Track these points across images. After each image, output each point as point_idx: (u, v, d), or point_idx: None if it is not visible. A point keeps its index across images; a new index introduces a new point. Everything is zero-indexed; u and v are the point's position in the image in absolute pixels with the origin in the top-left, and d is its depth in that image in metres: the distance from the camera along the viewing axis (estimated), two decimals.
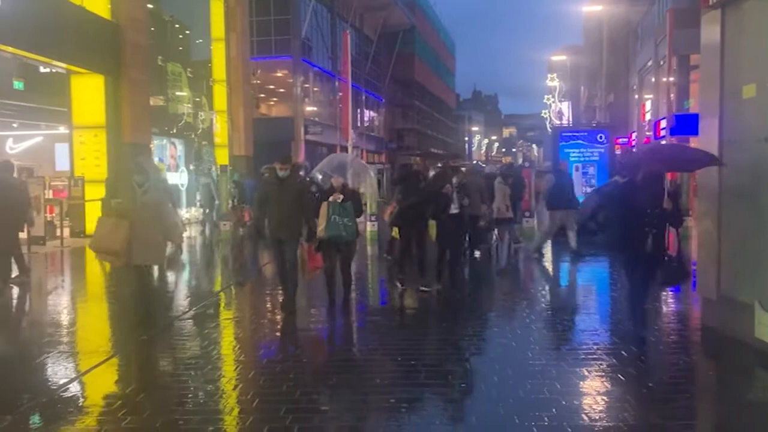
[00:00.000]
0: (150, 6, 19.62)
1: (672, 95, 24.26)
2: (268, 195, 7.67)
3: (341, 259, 7.88)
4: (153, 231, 6.92)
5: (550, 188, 12.25)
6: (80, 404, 5.03)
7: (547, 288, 9.88)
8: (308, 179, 10.49)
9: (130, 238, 6.72)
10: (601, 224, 6.43)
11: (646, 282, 6.39)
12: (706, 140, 6.74)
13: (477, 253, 11.78)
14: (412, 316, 7.93)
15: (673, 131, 22.87)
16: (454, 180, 8.56)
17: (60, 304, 9.06)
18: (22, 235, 13.75)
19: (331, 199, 7.57)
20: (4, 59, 15.82)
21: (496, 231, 13.15)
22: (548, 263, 12.05)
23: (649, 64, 32.05)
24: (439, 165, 11.75)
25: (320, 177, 8.44)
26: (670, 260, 6.33)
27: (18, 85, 18.80)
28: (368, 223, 15.43)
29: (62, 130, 18.77)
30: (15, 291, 9.43)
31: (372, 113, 52.31)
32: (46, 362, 5.93)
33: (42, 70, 18.22)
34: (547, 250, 12.82)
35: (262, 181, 9.20)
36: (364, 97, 47.64)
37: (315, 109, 39.09)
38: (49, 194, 16.10)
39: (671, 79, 24.07)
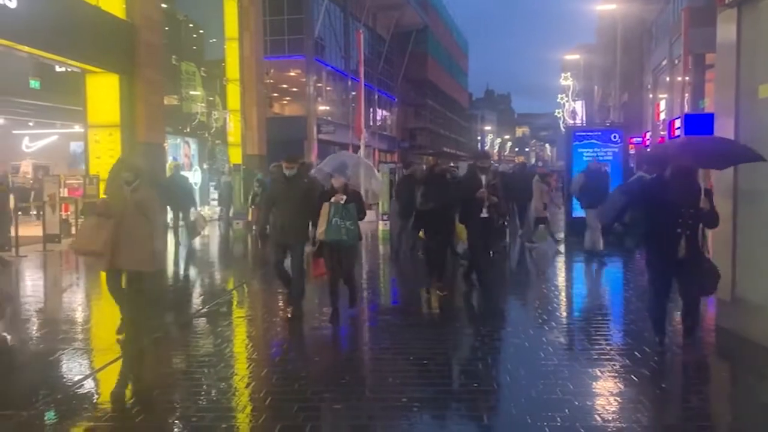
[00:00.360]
0: (164, 6, 19.74)
1: (687, 94, 24.07)
2: (275, 195, 7.39)
3: (343, 265, 7.35)
4: (142, 233, 6.32)
5: (580, 187, 11.90)
6: (95, 400, 5.07)
7: (560, 288, 9.84)
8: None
9: (114, 239, 6.18)
10: (628, 225, 5.96)
11: (680, 289, 5.76)
12: None
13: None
14: (424, 316, 7.91)
15: (687, 131, 22.67)
16: (483, 180, 8.10)
17: (74, 301, 9.13)
18: (39, 234, 13.93)
19: (333, 199, 7.08)
20: (21, 59, 15.97)
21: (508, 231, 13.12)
22: (562, 263, 12.00)
23: (664, 63, 31.82)
24: (452, 164, 11.58)
25: (328, 170, 8.06)
26: (707, 264, 5.79)
27: (34, 84, 19.02)
28: (380, 221, 15.44)
29: (77, 128, 18.95)
30: (31, 288, 9.52)
31: (384, 112, 52.33)
32: (60, 359, 5.98)
33: (58, 69, 18.39)
34: (561, 250, 12.76)
35: (271, 180, 8.94)
36: (376, 96, 47.65)
37: (328, 108, 39.17)
38: (64, 192, 16.24)
39: (686, 78, 23.88)
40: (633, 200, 6.01)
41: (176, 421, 4.48)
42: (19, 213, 14.40)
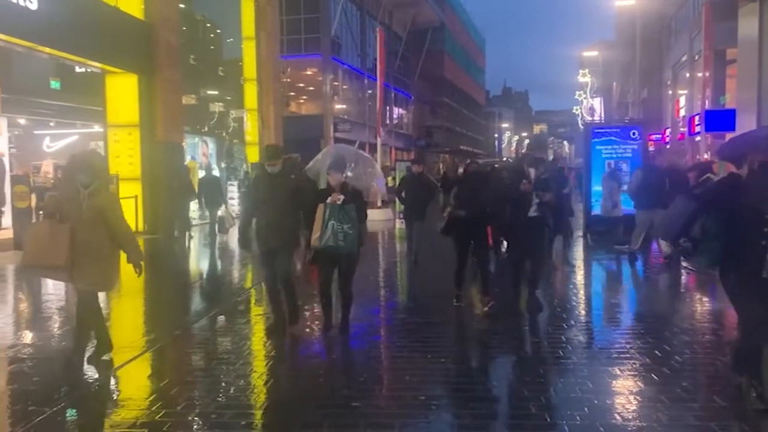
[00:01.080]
0: (182, 6, 19.88)
1: (708, 90, 23.79)
2: (258, 196, 6.64)
3: (339, 274, 6.53)
4: (99, 246, 5.34)
5: (638, 185, 11.06)
6: (115, 398, 5.13)
7: (581, 287, 9.77)
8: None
9: (73, 249, 5.18)
10: (698, 240, 4.60)
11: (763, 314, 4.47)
12: None
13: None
14: (440, 314, 7.88)
15: (708, 127, 22.43)
16: (532, 174, 7.14)
17: None
18: None
19: (329, 200, 6.23)
20: (42, 60, 16.17)
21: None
22: (587, 261, 11.90)
23: (684, 58, 31.48)
24: (471, 161, 10.77)
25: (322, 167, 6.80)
26: None
27: (55, 84, 19.27)
28: (398, 219, 15.44)
29: (97, 128, 19.16)
30: (52, 286, 9.63)
31: (401, 110, 52.32)
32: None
33: (78, 70, 18.59)
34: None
35: (253, 179, 7.59)
36: (393, 95, 47.65)
37: (344, 106, 39.25)
38: None
39: (707, 74, 23.60)
40: (705, 207, 4.64)
41: (196, 418, 4.51)
42: (40, 212, 14.58)
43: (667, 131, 35.20)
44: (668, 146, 32.66)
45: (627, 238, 12.05)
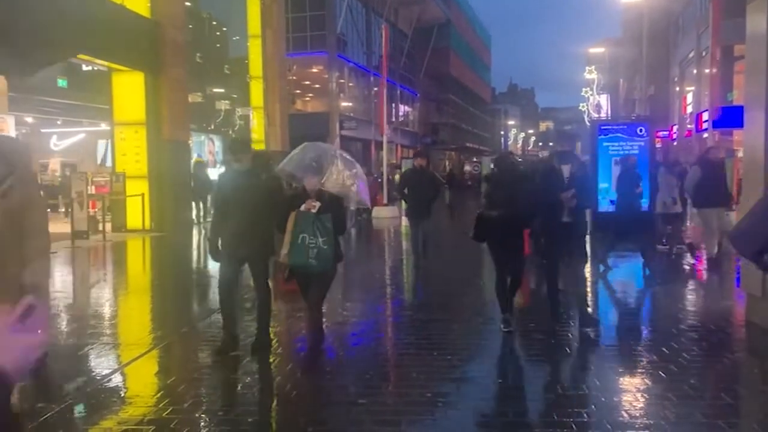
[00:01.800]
0: (188, 4, 19.91)
1: (715, 87, 23.68)
2: (225, 196, 5.84)
3: (309, 295, 5.51)
4: (18, 263, 3.58)
5: (696, 182, 10.26)
6: (123, 394, 5.14)
7: (593, 285, 9.73)
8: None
9: None
10: None
11: None
12: (751, 133, 6.57)
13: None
14: (445, 311, 7.87)
15: (716, 124, 22.34)
16: (565, 172, 6.39)
17: (102, 296, 9.27)
18: (68, 230, 14.15)
19: (303, 208, 5.27)
20: None
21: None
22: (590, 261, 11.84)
23: (691, 55, 31.33)
24: (504, 153, 9.09)
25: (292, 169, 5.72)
26: None
27: (62, 83, 19.35)
28: (404, 218, 15.43)
29: (104, 126, 19.24)
30: (60, 284, 9.68)
31: (406, 108, 52.29)
32: (89, 353, 6.07)
33: (84, 68, 18.67)
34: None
35: (219, 177, 6.74)
36: (398, 92, 47.62)
37: (350, 104, 39.26)
38: (92, 190, 16.50)
39: (714, 70, 23.48)
40: None
41: (203, 415, 4.52)
42: (48, 210, 14.66)
43: (674, 128, 35.06)
44: (675, 143, 32.55)
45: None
